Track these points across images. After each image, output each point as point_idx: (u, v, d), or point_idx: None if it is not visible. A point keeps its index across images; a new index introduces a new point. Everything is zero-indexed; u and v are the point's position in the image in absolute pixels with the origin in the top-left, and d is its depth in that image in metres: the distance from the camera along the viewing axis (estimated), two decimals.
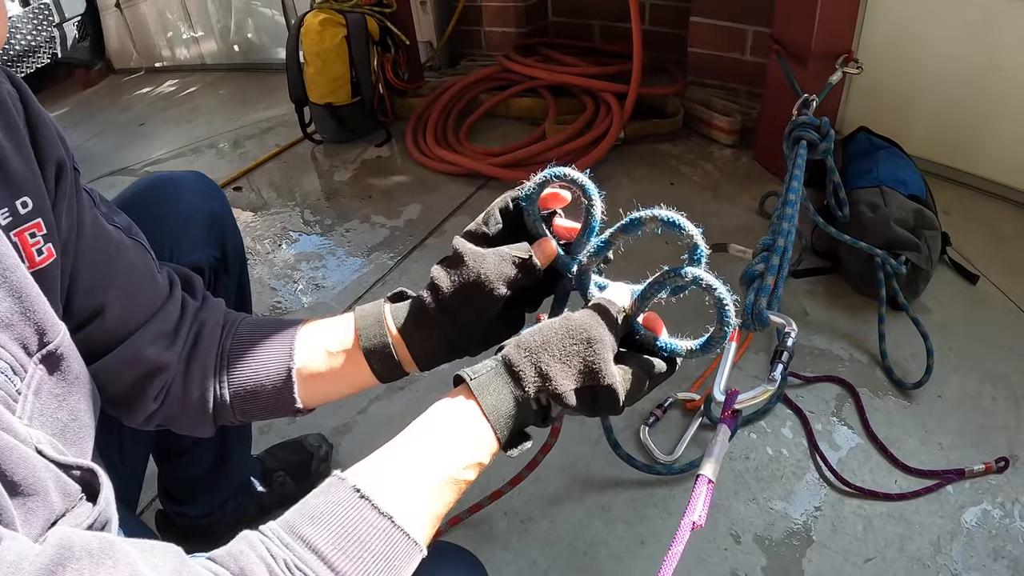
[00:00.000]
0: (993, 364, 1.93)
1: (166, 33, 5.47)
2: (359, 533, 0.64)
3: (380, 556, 0.65)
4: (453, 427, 0.74)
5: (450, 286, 0.86)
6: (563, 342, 0.75)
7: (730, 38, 3.40)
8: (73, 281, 0.80)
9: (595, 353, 0.74)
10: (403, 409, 1.91)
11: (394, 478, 0.70)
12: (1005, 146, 2.59)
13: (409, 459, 0.72)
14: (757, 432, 1.78)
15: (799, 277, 2.27)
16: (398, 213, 2.92)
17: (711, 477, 0.83)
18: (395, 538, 0.66)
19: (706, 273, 0.76)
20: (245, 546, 0.62)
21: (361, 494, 0.66)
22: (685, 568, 1.48)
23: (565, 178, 0.82)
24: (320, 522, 0.64)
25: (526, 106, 3.55)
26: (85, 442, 0.76)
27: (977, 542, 1.50)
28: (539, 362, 0.74)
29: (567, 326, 0.76)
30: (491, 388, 0.74)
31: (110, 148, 4.17)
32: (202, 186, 1.24)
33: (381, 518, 0.66)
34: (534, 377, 0.74)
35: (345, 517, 0.65)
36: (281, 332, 0.94)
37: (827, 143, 1.80)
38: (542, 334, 0.76)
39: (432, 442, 0.74)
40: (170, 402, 0.90)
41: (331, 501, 0.66)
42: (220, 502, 1.50)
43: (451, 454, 0.73)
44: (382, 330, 0.90)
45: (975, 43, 2.51)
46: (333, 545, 0.63)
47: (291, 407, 0.92)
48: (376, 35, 3.42)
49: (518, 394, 0.74)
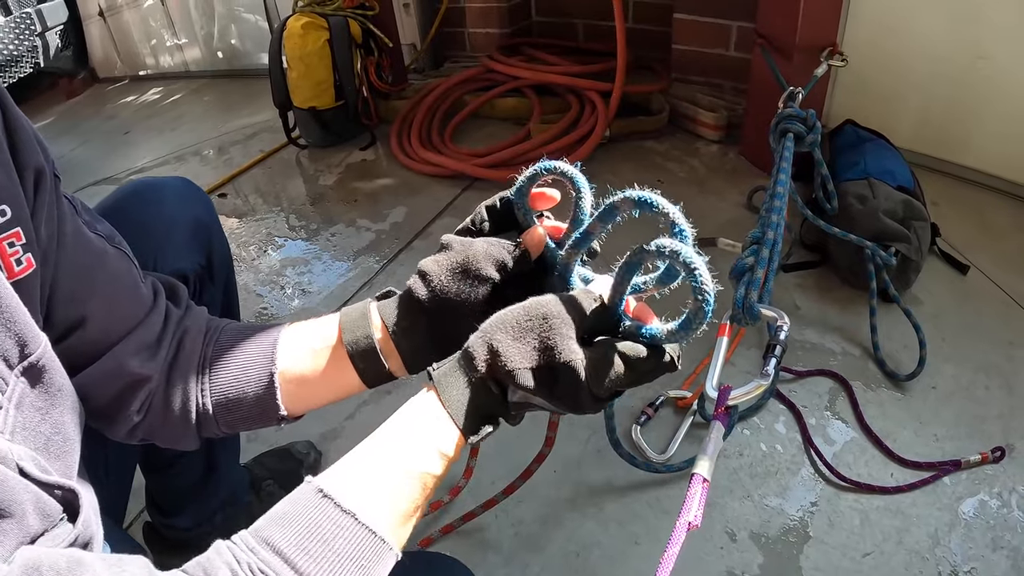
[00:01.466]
0: (986, 354, 1.92)
1: (150, 41, 5.44)
2: (322, 532, 0.64)
3: (346, 555, 0.64)
4: (414, 420, 0.73)
5: (438, 272, 0.83)
6: (518, 319, 0.72)
7: (714, 34, 3.40)
8: (54, 291, 0.77)
9: (551, 328, 0.71)
10: (390, 414, 1.88)
11: (357, 476, 0.70)
12: (991, 136, 2.59)
13: (372, 457, 0.72)
14: (750, 428, 1.76)
15: (789, 271, 2.26)
16: (384, 216, 2.90)
17: (706, 476, 0.81)
18: (360, 536, 0.65)
19: (672, 241, 0.69)
20: (213, 554, 0.62)
21: (323, 493, 0.66)
22: (681, 568, 1.45)
23: (555, 171, 0.80)
24: (284, 524, 0.64)
25: (511, 106, 3.54)
26: (69, 456, 0.74)
27: (976, 533, 1.49)
28: (491, 339, 0.71)
29: (525, 305, 0.73)
30: (449, 376, 0.73)
31: (94, 157, 4.14)
32: (186, 191, 1.21)
33: (343, 515, 0.65)
34: (484, 355, 0.71)
35: (308, 517, 0.65)
36: (263, 334, 0.91)
37: (814, 135, 1.79)
38: (500, 315, 0.73)
39: (394, 438, 0.73)
40: (152, 414, 0.87)
41: (295, 503, 0.66)
42: (209, 513, 1.48)
43: (412, 448, 0.72)
44: (366, 324, 0.87)
45: (959, 33, 2.51)
46: (296, 546, 0.63)
47: (275, 414, 0.89)
48: (359, 38, 3.40)
49: (471, 375, 0.72)
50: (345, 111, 3.48)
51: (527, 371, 0.71)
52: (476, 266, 0.82)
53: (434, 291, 0.84)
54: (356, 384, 0.90)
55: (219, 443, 1.42)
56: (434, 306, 0.84)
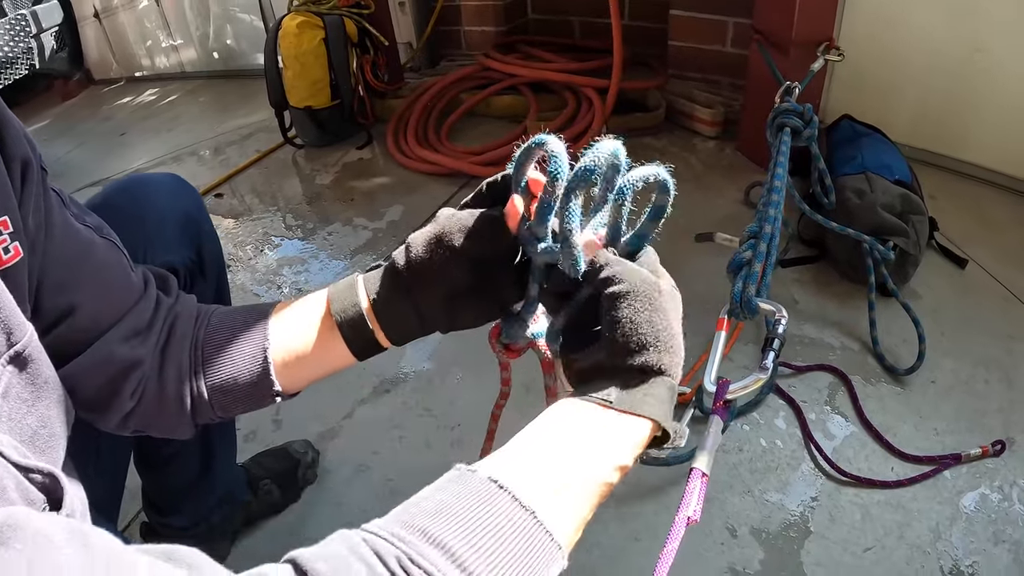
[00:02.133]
0: (985, 347, 1.92)
1: (145, 42, 5.44)
2: (495, 526, 0.56)
3: (519, 557, 0.56)
4: (600, 422, 0.67)
5: (418, 243, 0.82)
6: (658, 313, 0.69)
7: (711, 30, 3.39)
8: (42, 280, 0.77)
9: (667, 292, 0.72)
10: (388, 412, 1.89)
11: (536, 472, 0.63)
12: (989, 130, 2.59)
13: (551, 454, 0.65)
14: (750, 424, 1.76)
15: (787, 266, 2.26)
16: (380, 215, 2.89)
17: (705, 470, 0.81)
18: (537, 537, 0.58)
19: (644, 168, 0.73)
20: (339, 546, 0.54)
21: (499, 484, 0.59)
22: (681, 564, 1.45)
23: (544, 147, 0.78)
24: (443, 514, 0.56)
25: (507, 104, 3.54)
26: (55, 451, 0.73)
27: (977, 527, 1.49)
28: (672, 347, 0.70)
29: (647, 298, 0.70)
30: (647, 399, 0.68)
31: (91, 159, 4.13)
32: (175, 186, 1.20)
33: (521, 511, 0.58)
34: (675, 360, 0.70)
35: (479, 508, 0.57)
36: (254, 313, 0.91)
37: (811, 129, 1.79)
38: (637, 324, 0.69)
39: (577, 437, 0.67)
40: (146, 400, 0.86)
41: (458, 493, 0.59)
42: (205, 512, 1.47)
43: (602, 451, 0.66)
44: (353, 294, 0.86)
45: (956, 27, 2.51)
46: (462, 538, 0.54)
47: (269, 390, 0.88)
48: (355, 37, 3.40)
49: (672, 385, 0.70)
50: (341, 110, 3.47)
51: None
52: (449, 236, 0.80)
53: (410, 261, 0.82)
54: (346, 355, 0.89)
55: (215, 440, 1.42)
56: (411, 276, 0.82)
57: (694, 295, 2.18)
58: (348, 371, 1.95)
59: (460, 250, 0.79)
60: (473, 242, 0.79)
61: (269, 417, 1.90)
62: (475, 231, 0.79)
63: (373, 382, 1.98)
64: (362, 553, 0.52)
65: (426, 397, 1.93)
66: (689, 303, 0.76)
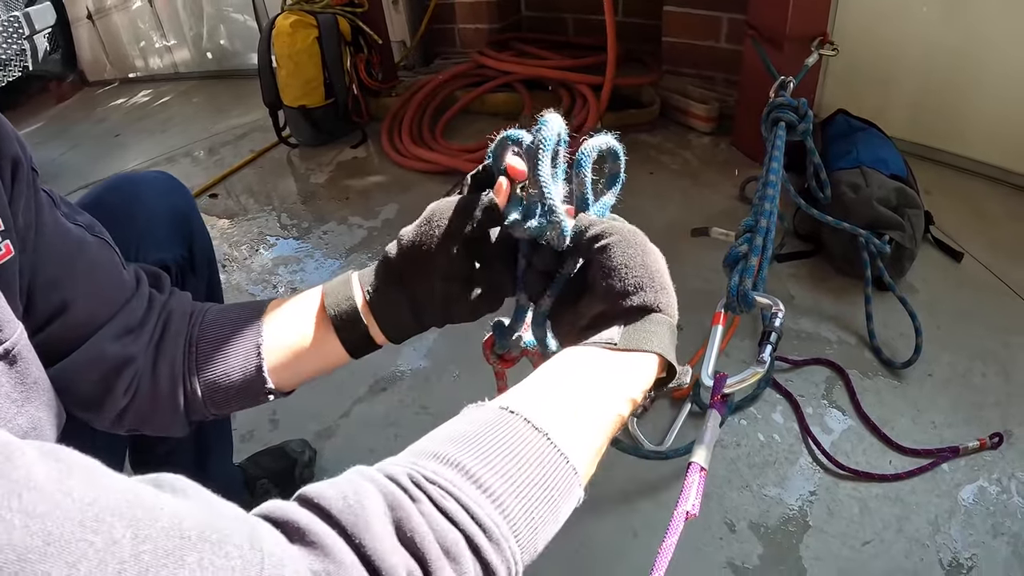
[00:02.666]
0: (982, 340, 1.92)
1: (139, 43, 5.41)
2: (510, 447, 0.56)
3: (537, 480, 0.56)
4: (608, 360, 0.69)
5: (409, 230, 0.83)
6: (649, 254, 0.73)
7: (705, 26, 3.39)
8: (34, 278, 0.77)
9: (653, 252, 0.74)
10: (385, 411, 1.88)
11: (549, 402, 0.63)
12: (983, 124, 2.59)
13: (563, 387, 0.66)
14: (747, 418, 1.76)
15: (782, 261, 2.26)
16: (376, 213, 2.89)
17: (703, 464, 0.81)
18: (552, 459, 0.58)
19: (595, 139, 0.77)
20: (352, 472, 0.54)
21: (510, 410, 0.60)
22: (681, 560, 1.45)
23: (518, 141, 0.79)
24: (458, 439, 0.56)
25: (501, 101, 3.53)
26: None
27: (975, 519, 1.49)
28: (664, 285, 0.73)
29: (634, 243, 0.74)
30: (644, 333, 0.70)
31: (85, 161, 4.11)
32: (165, 184, 1.21)
33: (536, 433, 0.58)
34: (670, 299, 0.73)
35: (493, 432, 0.57)
36: (248, 309, 0.91)
37: (805, 124, 1.78)
38: (631, 267, 0.72)
39: (587, 372, 0.68)
40: (140, 397, 0.86)
41: (471, 419, 0.60)
42: None
43: (612, 384, 0.67)
44: (347, 289, 0.86)
45: (950, 21, 2.51)
46: (478, 459, 0.54)
47: (262, 387, 0.88)
48: (348, 35, 3.39)
49: (670, 323, 0.72)
50: (335, 109, 3.46)
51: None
52: (439, 218, 0.81)
53: (402, 249, 0.83)
54: (340, 352, 0.88)
55: (209, 439, 1.41)
56: (404, 262, 0.83)
57: (690, 290, 2.21)
58: (345, 370, 1.95)
59: (450, 230, 0.80)
60: (463, 221, 0.80)
61: (266, 416, 1.90)
62: (464, 211, 0.80)
63: (369, 381, 1.98)
64: (371, 475, 0.52)
65: (422, 395, 1.92)
66: (685, 298, 0.77)
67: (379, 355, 1.92)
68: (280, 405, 1.89)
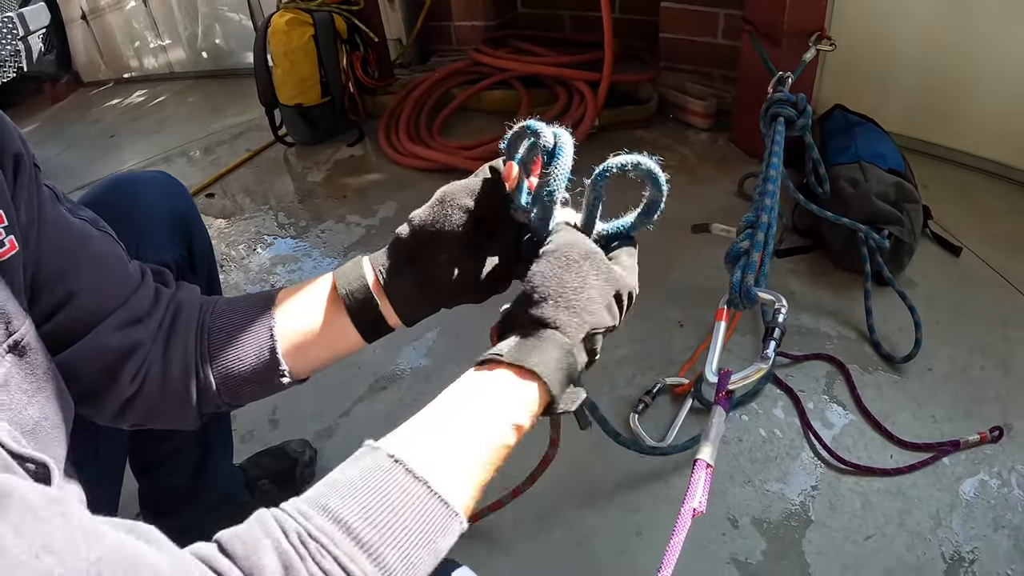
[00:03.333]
0: (981, 334, 1.92)
1: (133, 43, 5.40)
2: (390, 500, 0.60)
3: (414, 527, 0.60)
4: (491, 389, 0.71)
5: (420, 211, 0.86)
6: (572, 271, 0.73)
7: (702, 22, 3.38)
8: (38, 272, 0.77)
9: (600, 264, 0.75)
10: (385, 410, 1.88)
11: (430, 442, 0.67)
12: (980, 118, 2.60)
13: (445, 423, 0.69)
14: (749, 414, 1.76)
15: (782, 256, 2.26)
16: (373, 211, 2.88)
17: (709, 461, 0.81)
18: (431, 506, 0.62)
19: (625, 156, 0.76)
20: (254, 523, 0.58)
21: (395, 459, 0.63)
22: (684, 556, 1.44)
23: (535, 132, 0.80)
24: (345, 491, 0.60)
25: (498, 98, 3.53)
26: (58, 445, 0.73)
27: (977, 513, 1.49)
28: (568, 303, 0.72)
29: (563, 257, 0.74)
30: (531, 350, 0.71)
31: (81, 162, 4.10)
32: (164, 184, 1.21)
33: (416, 483, 0.62)
34: (571, 319, 0.72)
35: (375, 483, 0.61)
36: (260, 297, 0.93)
37: (804, 119, 1.78)
38: (547, 279, 0.73)
39: (469, 404, 0.70)
40: (149, 385, 0.86)
41: (360, 468, 0.63)
42: (203, 513, 1.46)
43: (492, 415, 0.69)
44: (359, 271, 0.88)
45: (948, 16, 2.51)
46: (359, 514, 0.59)
47: (276, 370, 0.88)
48: (344, 33, 3.38)
49: (564, 343, 0.72)
50: (332, 107, 3.46)
51: (605, 312, 0.75)
52: (452, 196, 0.84)
53: (414, 228, 0.86)
54: (353, 335, 0.90)
55: (211, 439, 1.41)
56: (417, 242, 0.86)
57: (691, 286, 2.21)
58: (345, 370, 1.95)
59: (462, 206, 0.83)
60: (474, 198, 0.84)
61: (266, 417, 1.89)
62: (474, 188, 0.84)
63: (370, 380, 1.98)
64: (270, 530, 0.57)
65: (423, 393, 1.91)
66: (687, 295, 0.77)
67: (379, 354, 1.93)
68: (281, 405, 1.90)
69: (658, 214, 0.80)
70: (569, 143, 0.79)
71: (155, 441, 1.32)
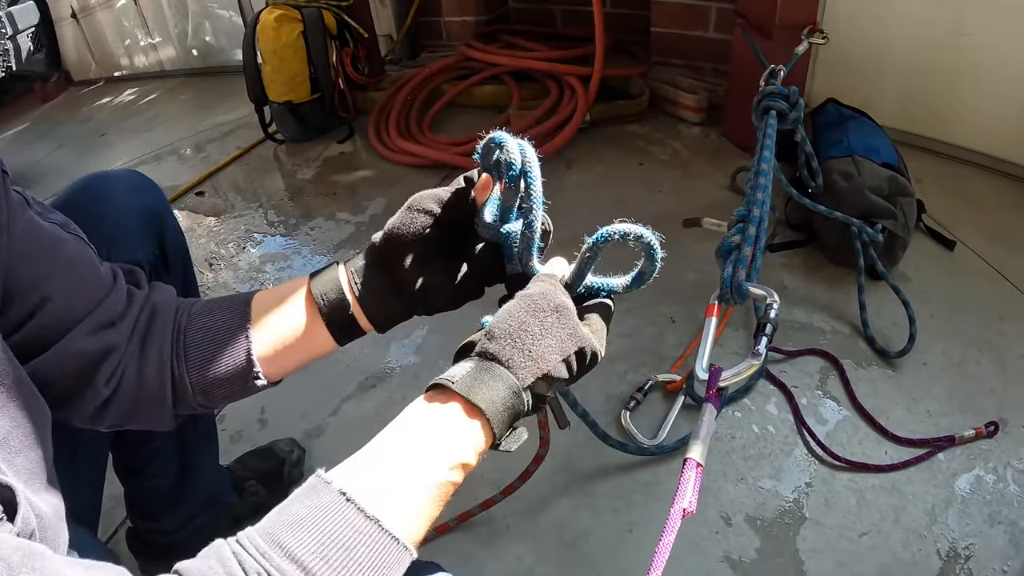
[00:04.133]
0: (976, 329, 1.91)
1: (123, 41, 5.39)
2: (344, 539, 0.61)
3: (366, 563, 0.62)
4: (439, 426, 0.72)
5: (393, 218, 0.87)
6: (537, 318, 0.74)
7: (693, 16, 3.38)
8: (9, 278, 0.77)
9: (568, 319, 0.75)
10: (375, 408, 1.86)
11: (380, 480, 0.67)
12: (974, 111, 2.60)
13: (395, 459, 0.70)
14: (741, 410, 1.75)
15: (775, 251, 2.25)
16: (363, 208, 2.87)
17: (699, 460, 0.79)
18: (383, 543, 0.63)
19: (629, 225, 0.75)
20: (213, 560, 0.58)
21: (347, 497, 0.63)
22: (677, 554, 1.43)
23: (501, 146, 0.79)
24: (301, 528, 0.61)
25: (489, 94, 3.51)
26: (32, 451, 0.71)
27: (972, 509, 1.49)
28: (525, 346, 0.73)
29: (532, 303, 0.75)
30: (480, 384, 0.71)
31: (71, 161, 4.08)
32: (135, 182, 1.21)
33: (367, 522, 0.63)
34: (525, 362, 0.72)
35: (328, 522, 0.62)
36: (235, 299, 0.93)
37: (796, 112, 1.77)
38: (511, 318, 0.74)
39: (418, 442, 0.71)
40: (125, 387, 0.87)
41: (314, 505, 0.63)
42: (190, 515, 1.45)
43: (439, 454, 0.70)
44: (334, 274, 0.90)
45: (940, 8, 2.50)
46: (314, 552, 0.59)
47: (250, 372, 0.89)
48: (333, 29, 3.36)
49: (512, 383, 0.72)
50: (322, 104, 3.44)
51: (561, 365, 0.74)
52: (418, 202, 0.86)
53: (386, 234, 0.87)
54: (326, 338, 0.91)
55: (193, 441, 1.40)
56: (387, 247, 0.87)
57: (683, 281, 2.20)
58: (334, 368, 1.94)
59: (427, 211, 0.85)
60: (440, 205, 0.86)
61: (255, 416, 1.88)
62: (442, 197, 0.86)
63: (359, 378, 1.96)
64: (231, 569, 0.58)
65: (413, 391, 1.88)
66: (678, 290, 0.75)
67: (369, 352, 1.91)
68: (269, 405, 1.89)
69: (646, 284, 0.81)
70: (535, 164, 0.79)
71: (135, 445, 1.31)
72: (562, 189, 2.73)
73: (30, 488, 0.68)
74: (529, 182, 0.79)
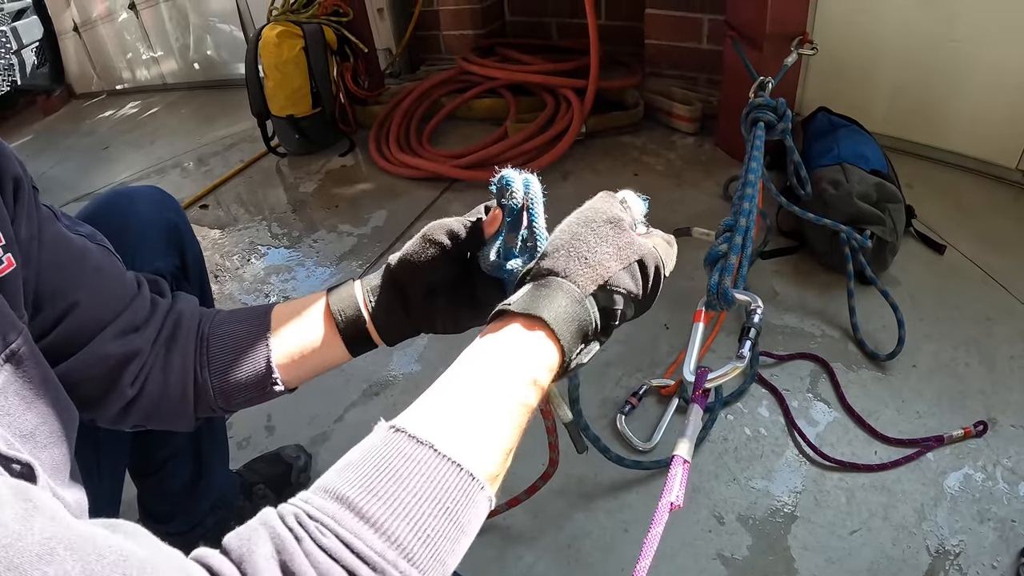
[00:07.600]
0: (965, 330, 1.94)
1: (126, 55, 5.42)
2: (393, 468, 0.57)
3: (424, 493, 0.56)
4: (501, 346, 0.69)
5: (408, 243, 0.91)
6: (590, 228, 0.74)
7: (686, 28, 3.41)
8: (39, 286, 0.82)
9: (624, 230, 0.75)
10: (378, 414, 1.87)
11: (437, 406, 0.65)
12: (963, 117, 2.62)
13: (455, 386, 0.67)
14: (734, 413, 1.78)
15: (766, 258, 2.28)
16: (365, 221, 2.90)
17: (686, 457, 0.83)
18: (441, 470, 0.58)
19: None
20: (256, 521, 0.56)
21: (396, 428, 0.61)
22: (670, 552, 1.48)
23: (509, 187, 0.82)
24: (348, 469, 0.58)
25: (487, 106, 3.55)
26: (57, 447, 0.75)
27: (961, 506, 1.52)
28: (580, 254, 0.72)
29: (584, 217, 0.76)
30: (539, 299, 0.69)
31: (74, 174, 4.12)
32: (157, 197, 1.25)
33: (420, 447, 0.59)
34: (582, 268, 0.71)
35: (377, 455, 0.58)
36: (256, 308, 0.98)
37: (784, 123, 1.80)
38: (563, 233, 0.75)
39: (479, 365, 0.68)
40: (150, 388, 0.91)
41: (365, 447, 0.61)
42: (200, 517, 1.49)
43: (504, 372, 0.67)
44: (350, 290, 0.94)
45: (930, 16, 2.53)
46: (359, 487, 0.56)
47: (269, 381, 0.93)
48: (334, 45, 3.41)
49: (573, 291, 0.70)
50: (323, 118, 3.48)
51: (623, 273, 0.73)
52: (431, 233, 0.89)
53: (401, 258, 0.91)
54: (341, 350, 0.95)
55: (206, 444, 1.44)
56: (401, 272, 0.91)
57: (677, 290, 2.22)
58: (339, 376, 1.97)
59: (439, 243, 0.88)
60: (448, 239, 0.89)
61: (262, 423, 1.92)
62: (451, 231, 0.89)
63: (363, 386, 2.00)
64: (267, 519, 0.55)
65: (415, 398, 1.93)
66: (672, 297, 0.79)
67: (372, 361, 1.95)
68: (276, 412, 1.93)
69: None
70: (540, 203, 0.83)
71: (151, 447, 1.34)
72: (559, 200, 2.74)
73: (54, 481, 0.72)
74: (532, 220, 0.82)
